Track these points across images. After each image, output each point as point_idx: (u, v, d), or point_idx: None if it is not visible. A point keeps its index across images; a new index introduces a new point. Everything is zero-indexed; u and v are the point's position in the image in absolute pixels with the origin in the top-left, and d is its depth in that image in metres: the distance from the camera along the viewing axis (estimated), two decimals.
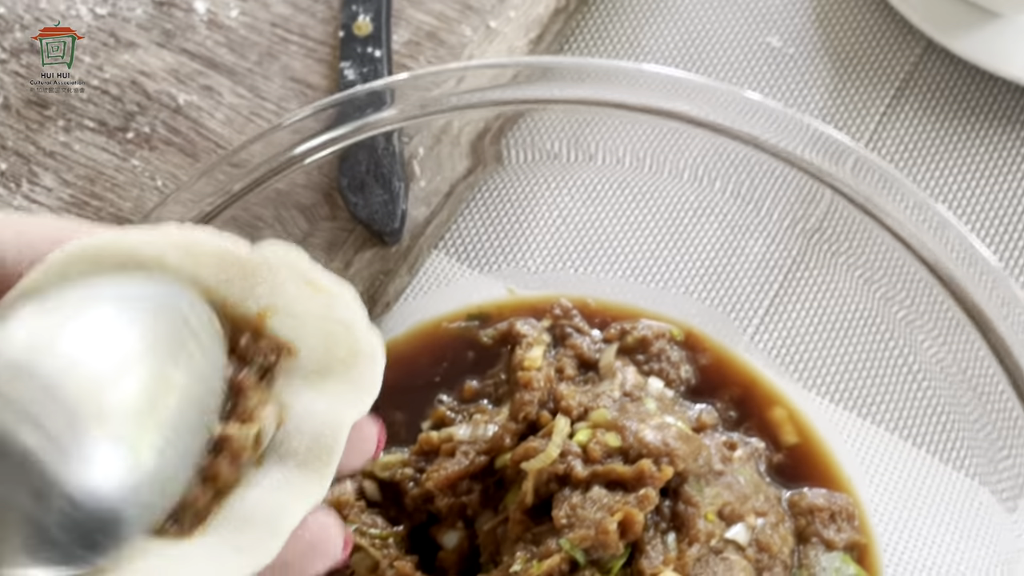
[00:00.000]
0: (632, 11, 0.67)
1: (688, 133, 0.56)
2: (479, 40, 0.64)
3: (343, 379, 0.35)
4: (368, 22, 0.63)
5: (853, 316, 0.54)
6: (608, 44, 0.66)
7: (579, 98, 0.56)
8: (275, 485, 0.34)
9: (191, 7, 0.66)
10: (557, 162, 0.59)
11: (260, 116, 0.63)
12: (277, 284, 0.36)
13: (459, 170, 0.60)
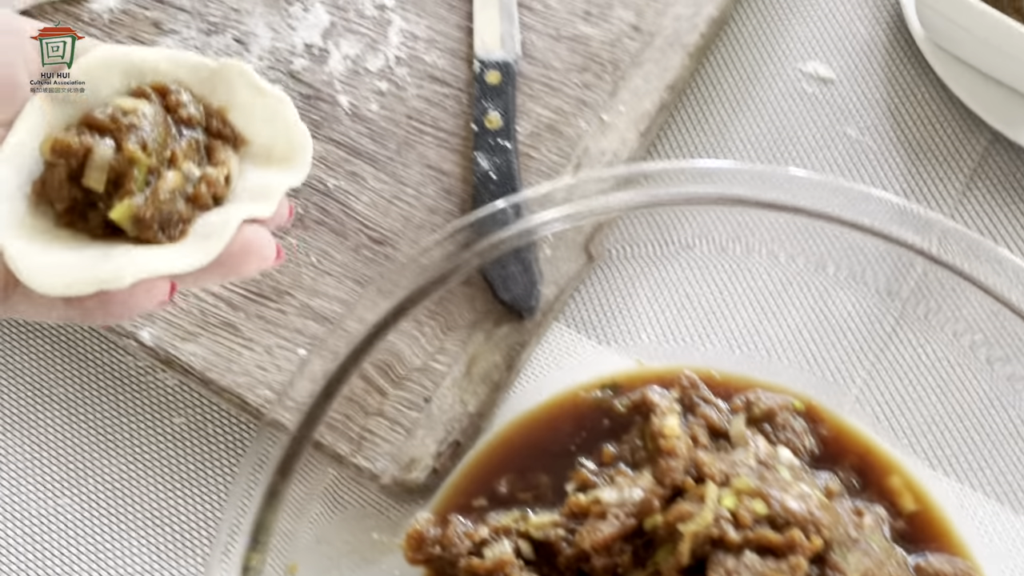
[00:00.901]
0: (720, 106, 0.67)
1: (783, 219, 0.57)
2: (593, 132, 0.64)
3: (283, 164, 0.45)
4: (498, 117, 0.63)
5: (954, 380, 0.54)
6: (701, 135, 0.67)
7: (682, 196, 0.56)
8: (228, 210, 0.43)
9: (335, 101, 0.66)
10: (662, 251, 0.59)
11: (400, 199, 0.63)
12: (233, 87, 0.45)
13: (577, 263, 0.60)
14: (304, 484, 0.47)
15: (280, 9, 0.68)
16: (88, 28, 0.68)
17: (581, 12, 0.67)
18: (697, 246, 0.59)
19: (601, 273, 0.62)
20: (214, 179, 0.44)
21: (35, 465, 0.60)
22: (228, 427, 0.60)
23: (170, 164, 0.43)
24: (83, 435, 0.60)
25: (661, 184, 0.56)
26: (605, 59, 0.66)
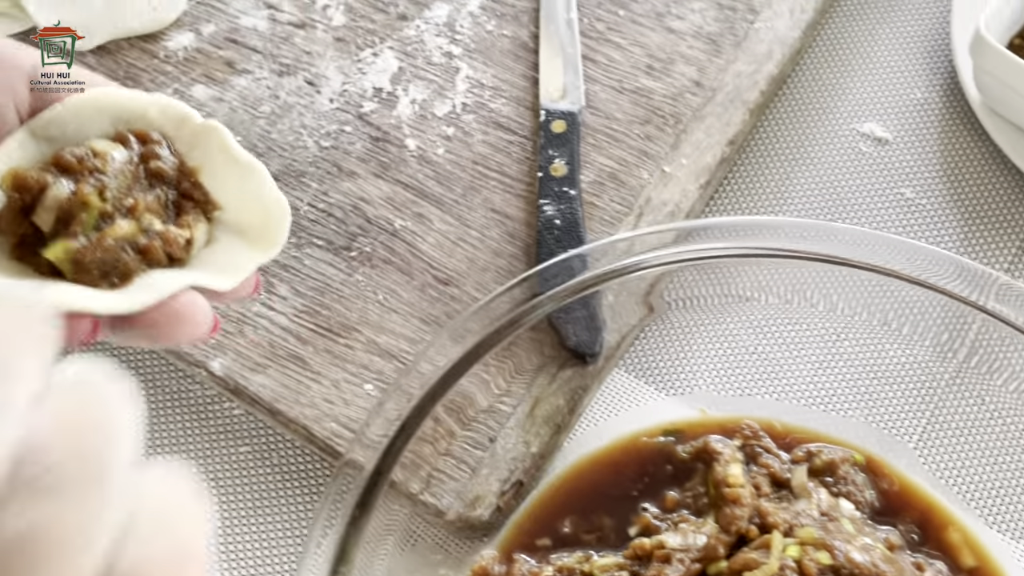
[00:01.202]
0: (778, 162, 0.69)
1: (842, 273, 0.59)
2: (655, 183, 0.66)
3: (257, 238, 0.44)
4: (563, 165, 0.65)
5: (1012, 436, 0.56)
6: (758, 189, 0.69)
7: (743, 250, 0.58)
8: (181, 274, 0.42)
9: (403, 144, 0.68)
10: (722, 302, 0.61)
11: (465, 241, 0.65)
12: (209, 150, 0.45)
13: (639, 312, 0.62)
14: (379, 520, 0.48)
15: (351, 53, 0.71)
16: (163, 65, 0.71)
17: (644, 66, 0.69)
18: (757, 298, 0.60)
19: (661, 321, 0.63)
20: (172, 238, 0.43)
21: None
22: (292, 457, 0.62)
23: (129, 213, 0.43)
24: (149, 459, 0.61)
25: (722, 238, 0.57)
26: (667, 112, 0.68)
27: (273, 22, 0.72)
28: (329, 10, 0.72)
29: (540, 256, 0.62)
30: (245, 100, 0.70)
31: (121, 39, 0.72)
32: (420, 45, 0.71)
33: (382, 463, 0.48)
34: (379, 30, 0.72)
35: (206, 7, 0.73)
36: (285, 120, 0.69)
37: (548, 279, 0.55)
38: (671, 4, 0.71)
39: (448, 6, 0.72)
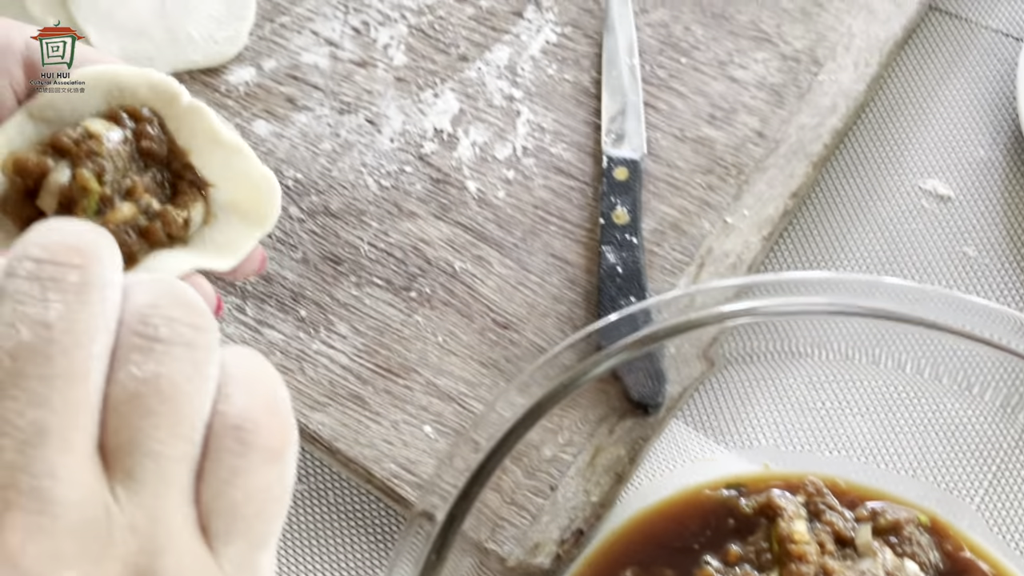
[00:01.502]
0: (840, 215, 0.70)
1: (907, 330, 0.59)
2: (717, 233, 0.67)
3: (251, 215, 0.46)
4: (625, 213, 0.66)
5: None
6: (819, 242, 0.69)
7: (807, 306, 0.58)
8: (184, 254, 0.44)
9: (464, 186, 0.69)
10: (784, 357, 0.61)
11: (525, 286, 0.66)
12: (195, 130, 0.46)
13: (700, 365, 0.62)
14: (450, 569, 0.48)
15: (412, 93, 0.72)
16: (224, 99, 0.72)
17: (706, 115, 0.70)
18: (819, 354, 0.60)
19: (722, 374, 0.64)
20: (171, 218, 0.44)
21: None
22: (348, 496, 0.62)
23: (128, 195, 0.44)
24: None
25: (783, 293, 0.58)
26: (729, 162, 0.68)
27: (334, 60, 0.73)
28: (390, 50, 0.73)
29: (602, 303, 0.62)
30: (306, 137, 0.70)
31: (182, 72, 0.73)
32: (481, 87, 0.72)
33: (455, 512, 0.48)
34: (440, 71, 0.72)
35: (267, 42, 0.74)
36: (346, 158, 0.70)
37: (612, 331, 0.56)
38: (734, 53, 0.72)
39: (509, 49, 0.73)
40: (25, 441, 0.25)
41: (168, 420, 0.27)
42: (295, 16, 0.75)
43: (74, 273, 0.27)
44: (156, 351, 0.27)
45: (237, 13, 0.74)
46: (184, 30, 0.73)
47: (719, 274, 0.65)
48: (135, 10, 0.73)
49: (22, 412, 0.25)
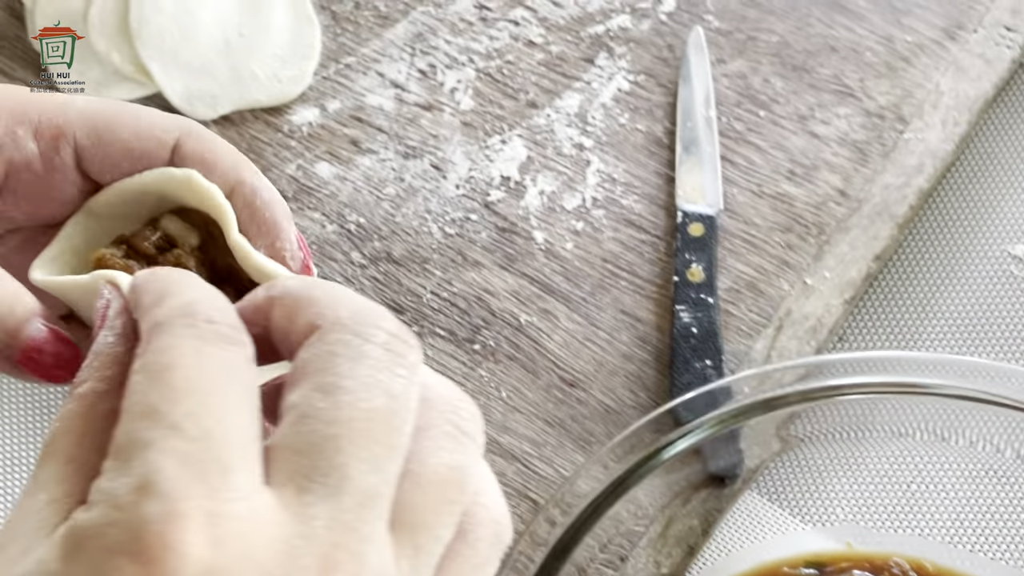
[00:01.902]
0: (924, 279, 0.67)
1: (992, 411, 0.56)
2: (796, 295, 0.64)
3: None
4: (700, 270, 0.64)
5: None
6: (902, 308, 0.66)
7: (889, 387, 0.56)
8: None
9: (531, 236, 0.67)
10: (865, 437, 0.59)
11: (593, 342, 0.64)
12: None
13: (777, 443, 0.60)
14: None
15: (479, 139, 0.70)
16: (287, 140, 0.71)
17: (785, 171, 0.68)
18: (904, 432, 0.58)
19: (801, 449, 0.61)
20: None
21: None
22: None
23: None
24: None
25: (868, 372, 0.56)
26: (809, 221, 0.66)
27: (400, 102, 0.72)
28: (457, 93, 0.72)
29: (675, 365, 0.60)
30: (369, 181, 0.69)
31: (246, 110, 0.72)
32: (550, 135, 0.70)
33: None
34: (508, 117, 0.71)
35: (332, 83, 0.73)
36: (410, 204, 0.68)
37: (691, 404, 0.54)
38: (815, 108, 0.70)
39: (580, 96, 0.71)
40: (361, 504, 0.28)
41: (459, 509, 0.30)
42: (361, 57, 0.74)
43: (412, 354, 0.30)
44: (463, 443, 0.30)
45: (302, 52, 0.74)
46: (248, 68, 0.72)
47: (798, 337, 0.63)
48: (199, 48, 0.73)
49: (365, 476, 0.28)
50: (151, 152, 0.42)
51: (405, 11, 0.75)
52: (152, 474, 0.27)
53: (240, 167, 0.42)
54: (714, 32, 0.73)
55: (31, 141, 0.42)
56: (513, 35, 0.74)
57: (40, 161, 0.42)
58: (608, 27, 0.74)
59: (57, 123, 0.42)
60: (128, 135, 0.42)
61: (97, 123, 0.42)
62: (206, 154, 0.41)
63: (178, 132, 0.42)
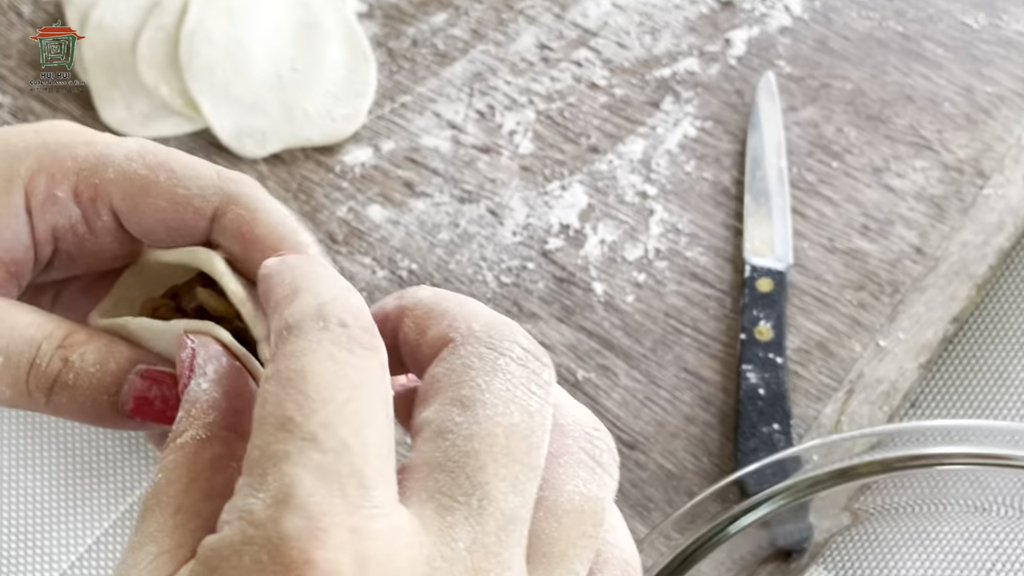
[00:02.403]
0: (1002, 343, 0.64)
1: None
2: (868, 357, 0.62)
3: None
4: (769, 328, 0.61)
5: None
6: (978, 372, 0.63)
7: (957, 454, 0.54)
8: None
9: (590, 287, 0.65)
10: (939, 511, 0.56)
11: (653, 402, 0.61)
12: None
13: (847, 517, 0.57)
14: None
15: (538, 185, 0.68)
16: (338, 180, 0.69)
17: (859, 225, 0.65)
18: (980, 507, 0.55)
19: (873, 521, 0.58)
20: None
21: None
22: None
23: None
24: None
25: (943, 442, 0.53)
26: (883, 279, 0.64)
27: (456, 144, 0.70)
28: (516, 136, 0.70)
29: (741, 428, 0.58)
30: (423, 225, 0.67)
31: (297, 149, 0.71)
32: (612, 181, 0.68)
33: None
34: (568, 162, 0.69)
35: (387, 122, 0.71)
36: (464, 251, 0.66)
37: (758, 475, 0.51)
38: (891, 160, 0.67)
39: (644, 142, 0.69)
40: (503, 528, 0.27)
41: (594, 544, 0.29)
42: (417, 96, 0.72)
43: (546, 372, 0.30)
44: (598, 474, 0.29)
45: (357, 90, 0.72)
46: (300, 106, 0.71)
47: (870, 402, 0.60)
48: (251, 83, 0.71)
49: (507, 496, 0.27)
50: (187, 224, 0.40)
51: (464, 50, 0.74)
52: (290, 488, 0.26)
53: (281, 246, 0.38)
54: (785, 78, 0.71)
55: (72, 204, 0.41)
56: (576, 76, 0.72)
57: (84, 224, 0.41)
58: (675, 70, 0.72)
59: (94, 183, 0.41)
60: (164, 203, 0.40)
61: (134, 186, 0.40)
62: (244, 229, 0.39)
63: (218, 200, 0.40)
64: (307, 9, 0.74)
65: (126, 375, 0.37)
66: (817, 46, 0.72)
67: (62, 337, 0.38)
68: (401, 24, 0.75)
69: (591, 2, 0.75)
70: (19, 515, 0.62)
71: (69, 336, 0.38)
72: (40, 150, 0.40)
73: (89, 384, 0.37)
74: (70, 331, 0.38)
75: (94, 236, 0.41)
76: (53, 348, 0.37)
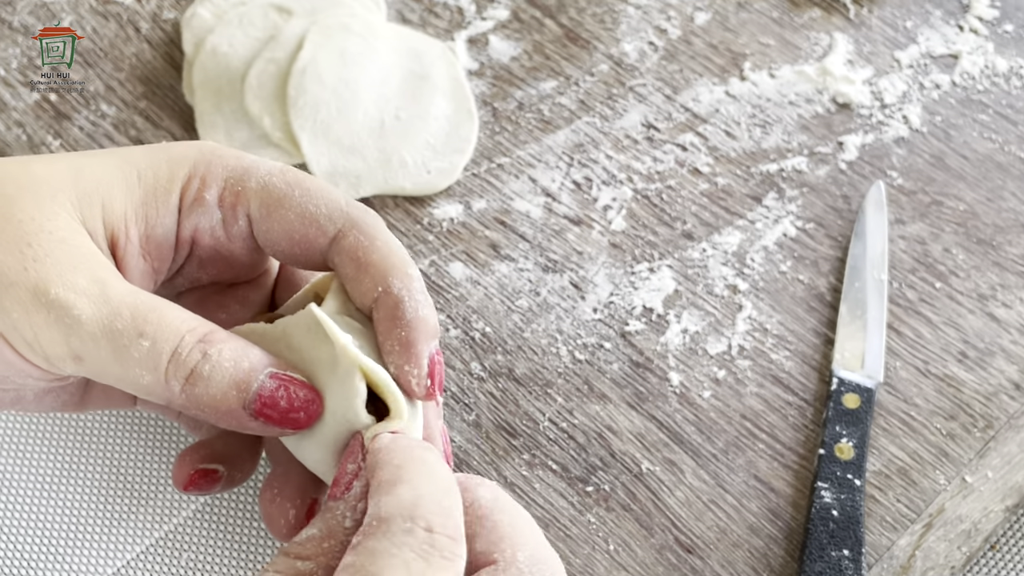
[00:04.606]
0: None
1: None
2: (952, 492, 0.58)
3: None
4: (851, 447, 0.58)
5: None
6: None
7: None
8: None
9: (666, 376, 0.63)
10: None
11: (718, 506, 0.58)
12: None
13: None
14: None
15: (625, 264, 0.67)
16: (424, 233, 0.68)
17: (956, 352, 0.62)
18: None
19: None
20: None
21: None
22: None
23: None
24: None
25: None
26: (977, 412, 0.60)
27: (548, 212, 0.69)
28: (610, 212, 0.69)
29: (808, 549, 0.55)
30: (503, 289, 0.66)
31: (388, 196, 0.70)
32: (702, 271, 0.66)
33: None
34: (660, 244, 0.67)
35: (481, 181, 0.70)
36: (542, 320, 0.64)
37: None
38: (998, 288, 0.64)
39: (741, 235, 0.67)
40: None
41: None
42: (515, 159, 0.71)
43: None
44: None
45: (456, 146, 0.71)
46: (398, 154, 0.70)
47: (948, 540, 0.56)
48: (353, 125, 0.71)
49: None
50: (310, 239, 0.44)
51: (569, 119, 0.73)
52: None
53: (390, 274, 0.42)
54: (896, 190, 0.68)
55: (216, 208, 0.44)
56: (679, 160, 0.71)
57: (222, 227, 0.44)
58: (782, 167, 0.70)
59: (237, 190, 0.44)
60: (293, 217, 0.43)
61: (271, 197, 0.44)
62: (360, 253, 0.42)
63: (342, 223, 0.43)
64: (419, 61, 0.74)
65: (257, 375, 0.40)
66: (933, 161, 0.70)
67: (204, 333, 0.40)
68: (510, 86, 0.74)
69: (704, 88, 0.74)
70: (55, 527, 0.61)
71: (210, 333, 0.40)
72: (197, 157, 0.44)
73: (223, 378, 0.39)
74: (212, 329, 0.41)
75: (228, 241, 0.44)
76: (195, 341, 0.40)
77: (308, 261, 0.45)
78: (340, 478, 0.37)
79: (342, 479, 0.37)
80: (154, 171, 0.43)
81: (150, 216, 0.43)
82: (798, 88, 0.73)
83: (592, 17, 0.77)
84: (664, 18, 0.77)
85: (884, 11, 0.76)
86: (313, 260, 0.44)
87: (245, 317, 0.47)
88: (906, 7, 0.76)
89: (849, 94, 0.73)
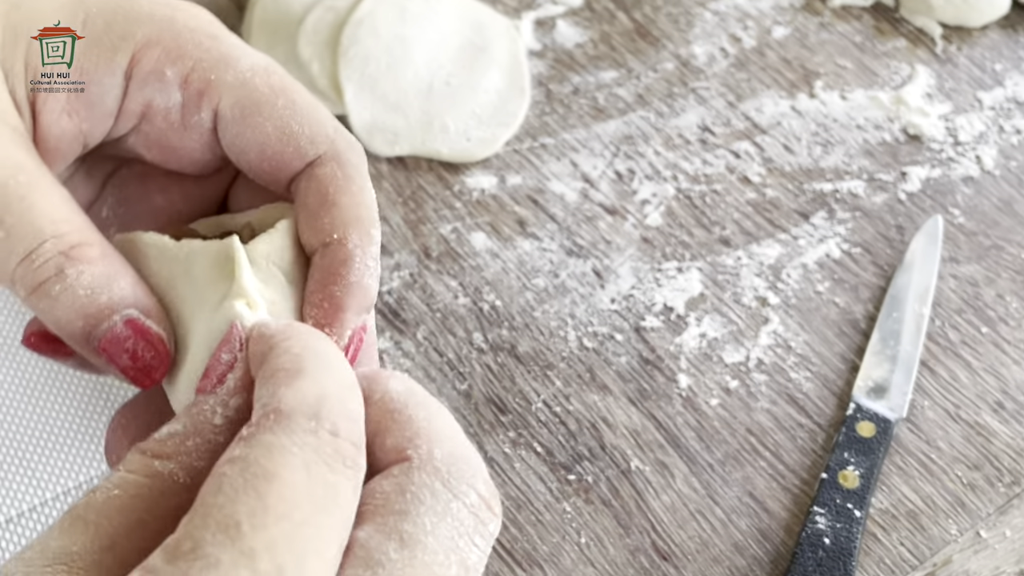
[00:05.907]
0: None
1: None
2: (963, 545, 0.53)
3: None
4: (856, 476, 0.54)
5: None
6: None
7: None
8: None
9: (674, 377, 0.59)
10: None
11: (704, 518, 0.54)
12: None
13: None
14: None
15: (654, 259, 0.63)
16: (452, 199, 0.66)
17: (993, 400, 0.58)
18: None
19: None
20: None
21: None
22: None
23: None
24: None
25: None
26: (1005, 466, 0.56)
27: (583, 197, 0.66)
28: (647, 207, 0.65)
29: (791, 574, 0.50)
30: (522, 265, 0.63)
31: (423, 158, 0.68)
32: (733, 278, 0.62)
33: None
34: (694, 246, 0.64)
35: (521, 157, 0.68)
36: (555, 303, 0.61)
37: None
38: None
39: (781, 249, 0.64)
40: None
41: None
42: (560, 141, 0.68)
43: (493, 524, 0.30)
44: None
45: (502, 120, 0.69)
46: (441, 119, 0.68)
47: None
48: (400, 83, 0.69)
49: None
50: (284, 159, 0.38)
51: (624, 111, 0.70)
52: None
53: (352, 226, 0.36)
54: (956, 228, 0.64)
55: (177, 89, 0.38)
56: (730, 166, 0.67)
57: (179, 113, 0.39)
58: (837, 187, 0.66)
59: (209, 78, 0.38)
60: (271, 129, 0.38)
61: (248, 99, 0.38)
62: (331, 189, 0.37)
63: (324, 150, 0.38)
64: (481, 33, 0.72)
65: (112, 316, 0.34)
66: (1001, 205, 0.65)
67: (71, 245, 0.35)
68: (569, 70, 0.72)
69: (770, 99, 0.70)
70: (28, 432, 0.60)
71: (78, 247, 0.35)
72: (164, 23, 0.38)
73: (70, 305, 0.34)
74: (83, 243, 0.35)
75: (184, 130, 0.39)
76: (56, 252, 0.34)
77: (272, 180, 0.39)
78: (212, 369, 0.32)
79: (214, 370, 0.32)
80: (106, 21, 0.37)
81: (86, 70, 0.37)
82: (868, 113, 0.70)
83: (667, 16, 0.74)
84: (741, 27, 0.74)
85: (974, 51, 0.72)
86: (277, 181, 0.39)
87: (185, 211, 0.42)
88: (998, 50, 0.72)
89: (921, 126, 0.69)
